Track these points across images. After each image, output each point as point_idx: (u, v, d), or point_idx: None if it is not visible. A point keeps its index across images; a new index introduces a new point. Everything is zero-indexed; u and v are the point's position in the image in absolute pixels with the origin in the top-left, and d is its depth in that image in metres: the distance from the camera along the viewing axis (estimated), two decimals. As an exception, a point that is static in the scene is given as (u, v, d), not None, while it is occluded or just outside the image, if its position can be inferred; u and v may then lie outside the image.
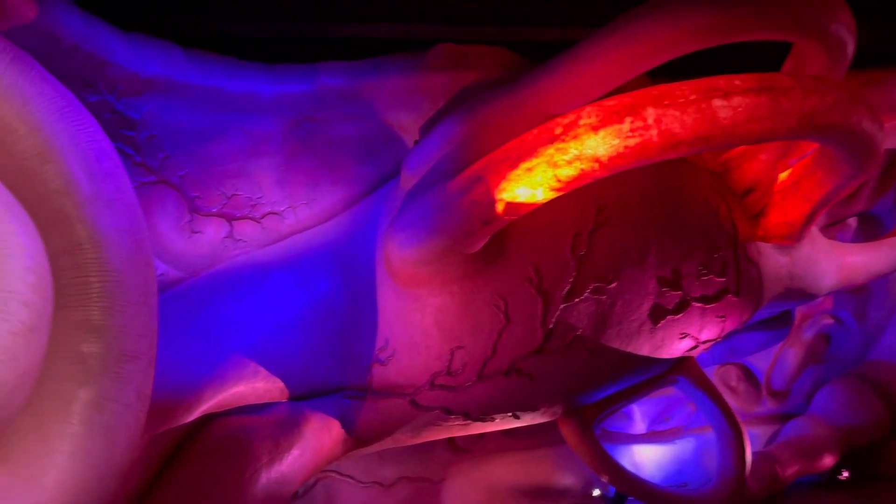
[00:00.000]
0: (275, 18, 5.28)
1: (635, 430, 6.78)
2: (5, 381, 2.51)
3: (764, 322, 6.27)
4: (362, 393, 4.93)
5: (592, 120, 3.77)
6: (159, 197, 4.81)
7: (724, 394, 5.92)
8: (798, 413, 7.12)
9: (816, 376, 7.28)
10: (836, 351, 7.35)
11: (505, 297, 4.58)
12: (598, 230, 4.63)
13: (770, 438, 7.02)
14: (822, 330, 7.38)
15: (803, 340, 7.32)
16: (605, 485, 5.99)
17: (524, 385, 4.77)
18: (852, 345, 7.34)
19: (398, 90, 5.17)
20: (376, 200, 5.21)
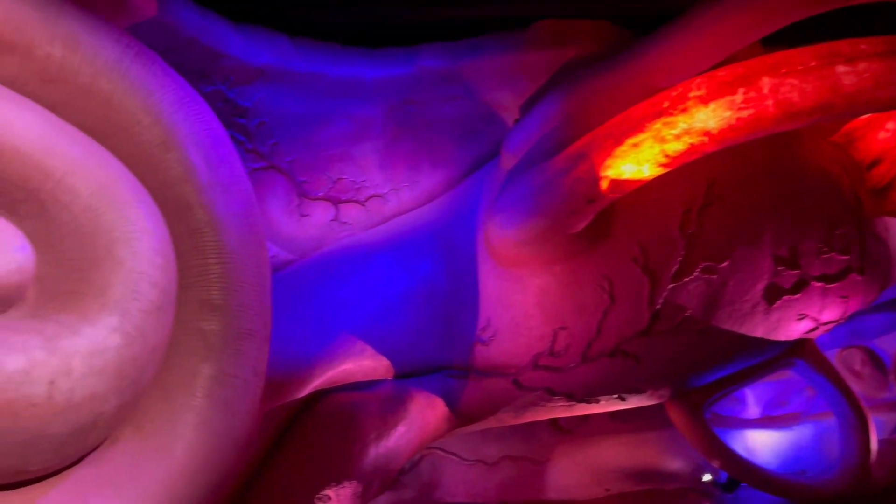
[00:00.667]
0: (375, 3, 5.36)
1: (748, 414, 6.51)
2: (137, 356, 2.70)
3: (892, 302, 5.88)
4: (465, 372, 4.98)
5: (702, 92, 3.62)
6: (270, 182, 5.01)
7: (846, 378, 5.61)
8: (932, 401, 6.64)
9: (951, 361, 6.76)
10: (978, 335, 6.79)
11: (610, 278, 4.49)
12: (709, 207, 4.46)
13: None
14: (958, 311, 6.83)
15: (936, 322, 6.80)
16: (715, 470, 5.80)
17: (630, 367, 4.68)
18: None
19: (498, 69, 5.15)
20: (477, 181, 5.21)
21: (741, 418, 6.48)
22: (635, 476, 6.12)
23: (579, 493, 6.03)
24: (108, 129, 2.97)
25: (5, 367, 2.32)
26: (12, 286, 2.48)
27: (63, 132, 2.76)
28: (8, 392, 2.32)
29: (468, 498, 5.88)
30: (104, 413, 2.63)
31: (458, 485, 5.90)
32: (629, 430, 6.15)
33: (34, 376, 2.38)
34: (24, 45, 2.70)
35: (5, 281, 2.45)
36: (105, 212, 2.74)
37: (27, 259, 2.54)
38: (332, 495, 4.09)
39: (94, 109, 2.92)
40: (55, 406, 2.44)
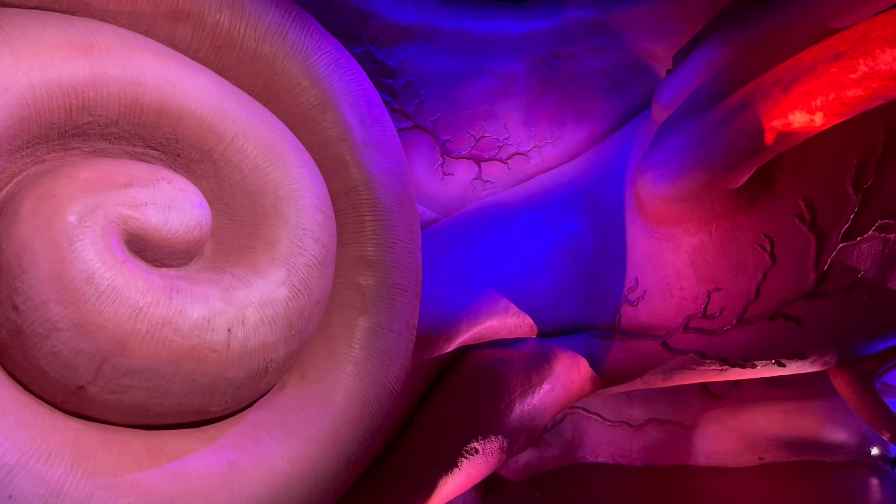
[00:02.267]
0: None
1: (925, 386, 5.98)
2: (303, 308, 2.84)
3: None
4: (611, 333, 4.88)
5: (889, 31, 3.25)
6: (415, 141, 5.09)
7: None
8: None
9: None
10: None
11: (771, 236, 4.21)
12: (889, 159, 4.04)
13: None
14: None
15: None
16: (885, 443, 5.38)
17: (792, 331, 4.39)
18: None
19: (650, 16, 4.91)
20: (624, 136, 5.03)
21: (916, 390, 5.96)
22: (793, 446, 5.80)
23: (731, 460, 5.80)
24: (272, 92, 3.11)
25: (189, 316, 2.51)
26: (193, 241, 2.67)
27: (232, 96, 2.91)
28: (192, 338, 2.52)
29: (612, 459, 5.82)
30: (275, 360, 2.80)
31: (602, 445, 5.85)
32: (787, 398, 5.82)
33: (214, 324, 2.57)
34: (197, 13, 2.86)
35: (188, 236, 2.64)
36: (271, 171, 2.88)
37: (205, 216, 2.72)
38: (479, 448, 4.17)
39: (259, 72, 3.05)
40: (232, 352, 2.62)
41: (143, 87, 2.58)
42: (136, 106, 2.57)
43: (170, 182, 2.65)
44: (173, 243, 2.60)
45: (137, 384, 2.46)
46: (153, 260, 2.58)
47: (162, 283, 2.48)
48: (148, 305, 2.40)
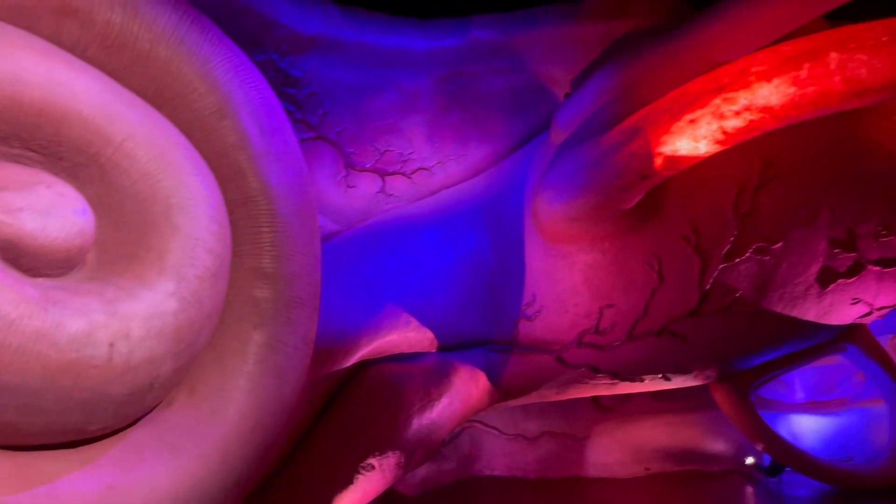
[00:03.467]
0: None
1: (795, 398, 6.40)
2: (193, 321, 2.74)
3: (950, 290, 5.67)
4: (509, 347, 4.97)
5: (765, 67, 3.50)
6: (318, 152, 5.02)
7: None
8: None
9: None
10: None
11: (659, 256, 4.42)
12: (765, 187, 4.34)
13: (953, 417, 6.40)
14: None
15: None
16: (759, 453, 5.73)
17: (677, 347, 4.62)
18: None
19: (551, 42, 5.06)
20: (525, 155, 5.16)
21: (787, 402, 6.37)
22: (676, 456, 6.08)
23: (619, 470, 6.01)
24: (166, 97, 2.99)
25: (67, 329, 2.37)
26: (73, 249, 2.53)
27: (123, 98, 2.79)
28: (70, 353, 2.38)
29: (507, 472, 5.91)
30: (161, 375, 2.68)
31: (498, 458, 5.93)
32: (672, 411, 6.10)
33: (95, 338, 2.44)
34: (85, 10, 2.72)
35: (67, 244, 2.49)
36: (163, 178, 2.77)
37: (88, 223, 2.58)
38: (375, 464, 4.14)
39: (153, 76, 2.94)
40: (115, 367, 2.49)
41: (23, 85, 2.42)
42: (13, 104, 2.41)
43: (49, 186, 2.50)
44: (51, 251, 2.45)
45: (7, 401, 2.30)
46: (28, 269, 2.42)
47: (36, 293, 2.33)
48: (20, 318, 2.25)
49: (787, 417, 6.19)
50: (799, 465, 5.37)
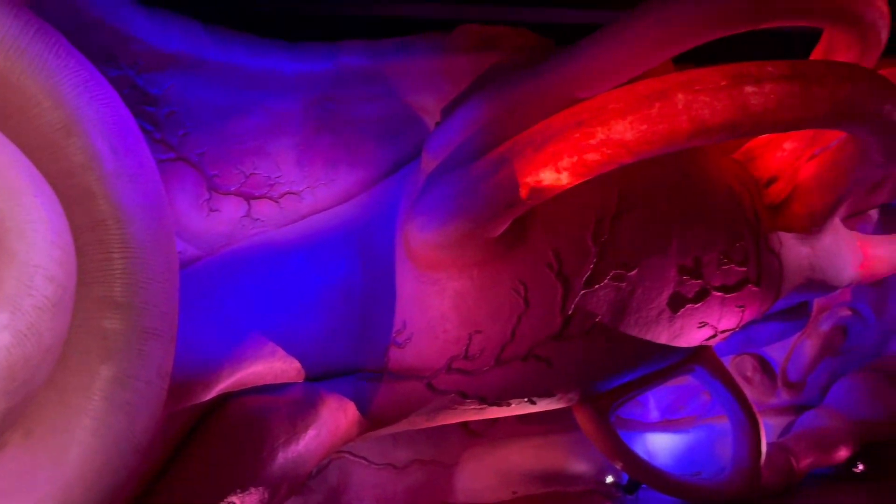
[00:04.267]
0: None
1: (649, 418, 6.75)
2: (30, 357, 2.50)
3: (782, 312, 6.21)
4: (379, 375, 4.92)
5: (621, 104, 3.72)
6: (178, 174, 4.78)
7: (740, 384, 5.89)
8: (813, 405, 7.07)
9: (833, 369, 7.22)
10: (854, 344, 7.28)
11: (525, 282, 4.55)
12: (621, 217, 4.59)
13: (784, 430, 6.97)
14: (840, 322, 7.30)
15: (820, 332, 7.25)
16: (618, 472, 5.98)
17: (542, 371, 4.75)
18: (870, 338, 7.27)
19: (421, 71, 5.12)
20: (396, 182, 5.17)
21: (643, 421, 6.70)
22: (541, 478, 6.22)
23: (487, 496, 6.07)
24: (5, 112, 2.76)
25: None
26: None
27: (-49, 111, 2.54)
28: None
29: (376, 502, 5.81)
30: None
31: (367, 489, 5.82)
32: (537, 433, 6.24)
33: (-90, 377, 2.17)
34: None
35: None
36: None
37: None
38: (237, 502, 3.94)
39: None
40: (-66, 409, 2.23)
41: None
42: None
43: None
44: None
45: None
46: None
47: None
48: None
49: (643, 436, 6.52)
50: (653, 482, 5.64)
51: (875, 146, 4.44)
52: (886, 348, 7.17)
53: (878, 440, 6.69)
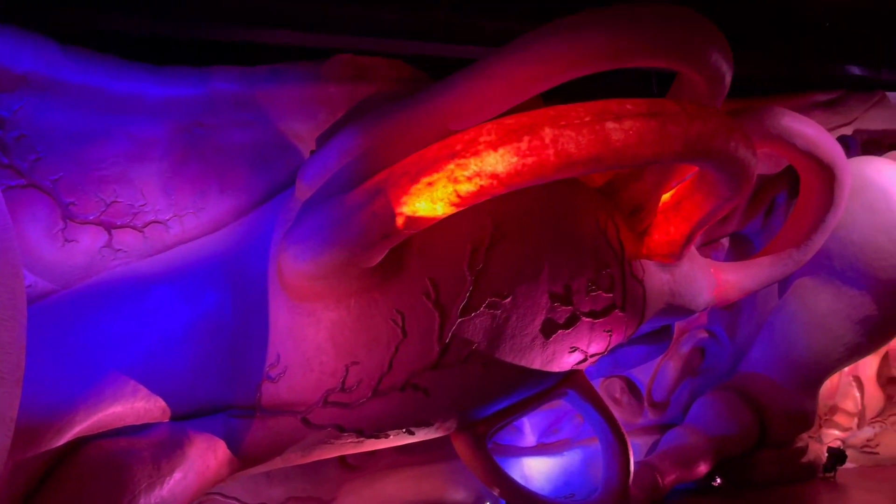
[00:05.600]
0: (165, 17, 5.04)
1: (526, 442, 6.88)
2: None
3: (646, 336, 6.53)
4: (251, 411, 4.73)
5: (492, 137, 3.82)
6: (29, 202, 4.46)
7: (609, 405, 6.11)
8: (676, 423, 7.47)
9: (693, 388, 7.68)
10: (711, 364, 7.78)
11: (402, 312, 4.54)
12: (495, 246, 4.69)
13: (651, 448, 7.32)
14: (698, 344, 7.80)
15: (681, 354, 7.70)
16: (495, 498, 6.03)
17: (420, 400, 4.74)
18: (725, 358, 7.80)
19: (295, 99, 5.06)
20: (269, 211, 5.05)
21: (519, 446, 6.82)
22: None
23: (366, 530, 5.96)
24: None
25: None
26: None
27: None
28: None
29: (250, 544, 5.56)
30: None
31: (240, 531, 5.56)
32: (416, 463, 6.21)
33: None
34: None
35: None
36: None
37: None
38: (93, 556, 3.64)
39: None
40: None
41: None
42: None
43: None
44: None
45: None
46: None
47: None
48: None
49: (519, 461, 6.63)
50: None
51: (722, 180, 4.80)
52: (739, 367, 7.70)
53: (733, 454, 7.14)
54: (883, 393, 8.60)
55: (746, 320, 7.78)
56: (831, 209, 6.30)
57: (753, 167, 4.62)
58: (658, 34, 4.10)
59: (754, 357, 7.60)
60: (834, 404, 8.23)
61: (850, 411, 8.28)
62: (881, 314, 6.99)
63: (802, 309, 7.33)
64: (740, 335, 7.81)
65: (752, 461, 7.28)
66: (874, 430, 8.29)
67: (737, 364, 7.74)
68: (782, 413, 7.25)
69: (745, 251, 7.67)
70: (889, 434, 8.32)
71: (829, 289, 7.16)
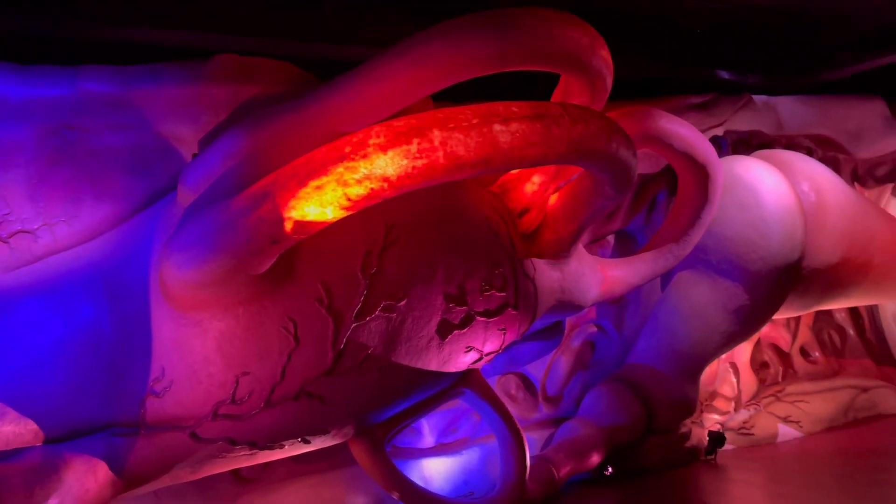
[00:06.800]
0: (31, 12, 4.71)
1: (424, 444, 6.89)
2: None
3: (539, 333, 6.68)
4: (134, 429, 4.49)
5: (381, 140, 3.79)
6: None
7: (505, 402, 6.22)
8: (570, 416, 7.68)
9: (584, 381, 7.92)
10: (600, 357, 8.07)
11: (294, 319, 4.43)
12: (388, 249, 4.66)
13: (546, 442, 7.49)
14: (588, 338, 8.07)
15: (572, 348, 7.94)
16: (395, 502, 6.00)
17: (315, 408, 4.64)
18: (613, 351, 8.10)
19: (176, 100, 4.85)
20: (149, 217, 4.81)
21: (418, 448, 6.82)
22: (320, 518, 6.06)
23: (263, 544, 5.78)
24: None
25: None
26: None
27: None
28: None
29: (137, 569, 5.27)
30: None
31: (125, 556, 5.26)
32: (313, 472, 6.09)
33: None
34: None
35: None
36: None
37: None
38: None
39: None
40: None
41: None
42: None
43: None
44: None
45: None
46: None
47: None
48: None
49: (419, 463, 6.63)
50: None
51: (606, 180, 4.98)
52: (627, 359, 8.02)
53: (624, 443, 7.42)
54: (756, 377, 9.22)
55: (633, 314, 8.12)
56: (706, 206, 6.66)
57: (634, 167, 4.82)
58: (542, 39, 4.19)
59: (640, 349, 7.93)
60: (713, 390, 8.70)
61: (727, 396, 8.80)
62: (752, 304, 7.46)
63: (683, 301, 7.71)
64: (627, 328, 8.13)
65: (640, 449, 7.59)
66: (749, 413, 8.85)
67: (625, 356, 8.06)
68: (667, 401, 7.59)
69: (630, 248, 8.01)
70: (763, 416, 8.92)
71: (707, 281, 7.57)
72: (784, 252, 7.28)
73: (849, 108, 9.74)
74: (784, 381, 9.47)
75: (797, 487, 7.05)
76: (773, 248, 7.26)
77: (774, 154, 8.05)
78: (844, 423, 9.46)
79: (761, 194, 7.34)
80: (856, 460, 7.91)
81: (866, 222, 8.04)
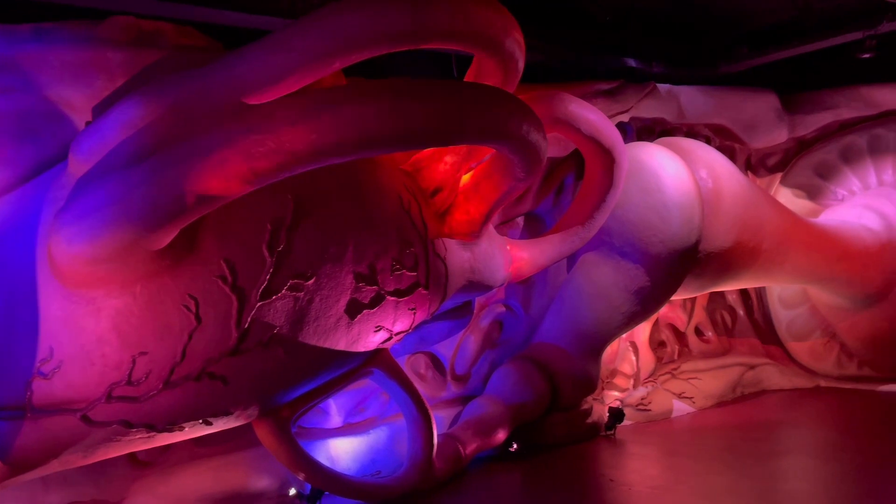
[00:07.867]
0: None
1: (332, 424, 6.82)
2: None
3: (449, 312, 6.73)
4: (20, 412, 4.22)
5: (289, 112, 3.68)
6: None
7: (414, 381, 6.24)
8: (477, 394, 7.79)
9: (492, 359, 8.05)
10: (508, 336, 8.21)
11: (196, 297, 4.25)
12: (297, 225, 4.54)
13: (454, 420, 7.57)
14: (497, 317, 8.18)
15: (481, 328, 8.04)
16: (301, 482, 5.93)
17: (217, 389, 4.49)
18: (520, 330, 8.25)
19: (66, 62, 4.53)
20: (36, 188, 4.50)
21: (325, 428, 6.76)
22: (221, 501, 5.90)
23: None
24: None
25: None
26: None
27: None
28: None
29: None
30: None
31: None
32: (216, 454, 5.92)
33: None
34: None
35: None
36: None
37: None
38: None
39: None
40: None
41: None
42: None
43: None
44: None
45: None
46: None
47: None
48: None
49: (325, 443, 6.56)
50: (333, 488, 5.69)
51: (517, 162, 5.03)
52: (533, 338, 8.20)
53: (528, 420, 7.60)
54: (654, 356, 9.64)
55: (539, 294, 8.29)
56: (611, 190, 6.85)
57: (544, 150, 4.89)
58: (457, 18, 4.16)
59: (546, 328, 8.11)
60: (614, 368, 9.03)
61: (627, 373, 9.16)
62: (652, 284, 7.75)
63: (587, 282, 7.93)
64: (534, 308, 8.30)
65: (543, 425, 7.79)
66: (647, 390, 9.25)
67: (531, 335, 8.23)
68: (570, 379, 7.81)
69: (538, 229, 8.16)
70: (659, 392, 9.34)
71: (610, 263, 7.80)
72: (683, 236, 7.59)
73: (744, 99, 10.23)
74: (679, 359, 9.95)
75: (689, 459, 7.42)
76: (672, 231, 7.55)
77: (676, 141, 8.36)
78: (733, 398, 10.03)
79: (663, 180, 7.60)
80: (742, 433, 8.39)
81: (758, 209, 8.47)
